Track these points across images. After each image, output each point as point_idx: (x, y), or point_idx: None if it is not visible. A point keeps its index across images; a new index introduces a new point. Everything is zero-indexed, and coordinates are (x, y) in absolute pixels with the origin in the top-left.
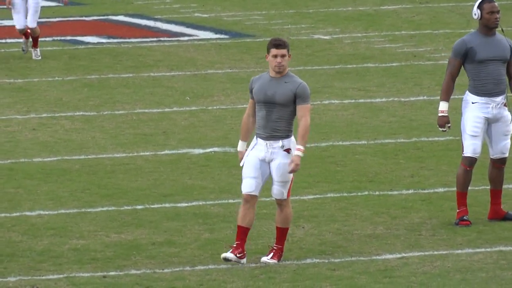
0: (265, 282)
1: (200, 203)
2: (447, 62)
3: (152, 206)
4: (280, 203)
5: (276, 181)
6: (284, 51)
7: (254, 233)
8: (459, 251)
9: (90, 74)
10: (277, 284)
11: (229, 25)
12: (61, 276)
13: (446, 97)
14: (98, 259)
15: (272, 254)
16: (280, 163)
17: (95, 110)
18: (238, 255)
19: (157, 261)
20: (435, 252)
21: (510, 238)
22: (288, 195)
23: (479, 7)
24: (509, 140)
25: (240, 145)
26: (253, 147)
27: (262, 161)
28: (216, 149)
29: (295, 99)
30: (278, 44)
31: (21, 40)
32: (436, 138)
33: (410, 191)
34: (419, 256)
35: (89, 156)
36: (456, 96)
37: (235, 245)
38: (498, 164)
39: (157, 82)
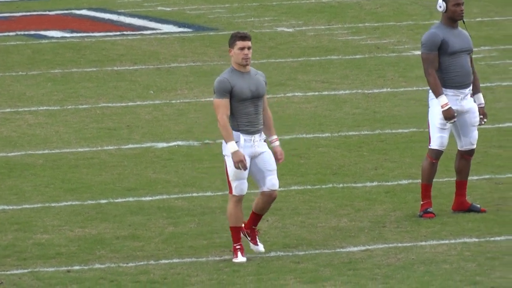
0: (230, 275)
1: (164, 197)
2: (410, 54)
3: (116, 200)
4: (274, 196)
5: (270, 171)
6: (249, 43)
7: (218, 226)
8: (423, 243)
9: (53, 69)
10: (241, 277)
11: (192, 18)
12: (26, 271)
13: (441, 90)
14: (63, 253)
15: (258, 238)
16: (268, 152)
17: (58, 105)
18: (244, 256)
19: (121, 255)
20: (399, 244)
21: (474, 229)
22: None
23: None
24: (476, 131)
25: (233, 145)
26: (242, 146)
27: (249, 159)
28: (180, 142)
29: None
30: (244, 36)
31: None
32: (400, 130)
33: (374, 184)
34: (383, 248)
35: (53, 151)
36: (420, 88)
37: (239, 247)
38: (467, 155)
39: (120, 76)
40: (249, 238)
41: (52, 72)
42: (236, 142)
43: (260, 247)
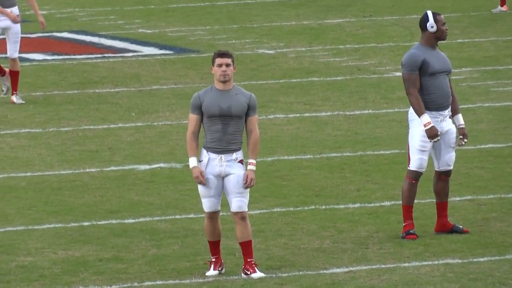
0: None
1: (147, 219)
2: (391, 75)
3: (99, 223)
4: (242, 215)
5: (236, 193)
6: (228, 60)
7: (201, 248)
8: (406, 264)
9: (35, 91)
10: None
11: (173, 40)
12: None
13: (423, 110)
14: (46, 276)
15: (256, 268)
16: (236, 174)
17: (40, 127)
18: (219, 269)
19: (104, 277)
20: (382, 266)
21: (457, 250)
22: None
23: (434, 19)
24: (453, 152)
25: (193, 161)
26: (206, 164)
27: (217, 177)
28: (162, 164)
29: (248, 110)
30: (222, 53)
31: None
32: (382, 152)
33: (357, 205)
34: (366, 270)
35: (35, 173)
36: (402, 109)
37: (213, 260)
38: (444, 176)
39: (102, 98)
40: (248, 273)
41: (33, 95)
42: (201, 161)
43: (259, 274)
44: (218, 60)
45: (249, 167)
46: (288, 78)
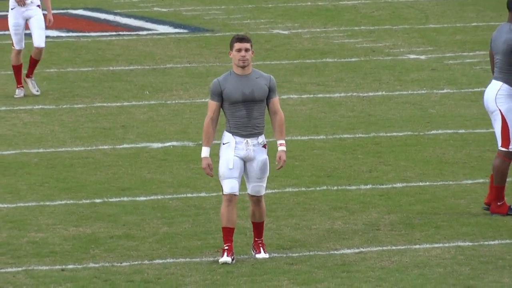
0: (223, 276)
1: (159, 197)
2: (405, 57)
3: (111, 200)
4: (258, 198)
5: (258, 178)
6: (247, 45)
7: (212, 227)
8: (417, 246)
9: (49, 68)
10: (235, 278)
11: (188, 19)
12: (20, 269)
13: None
14: (57, 252)
15: (262, 248)
16: (261, 160)
17: (54, 104)
18: (232, 257)
19: (115, 255)
20: (393, 247)
21: (468, 233)
22: None
23: None
24: None
25: (205, 151)
26: (233, 146)
27: (241, 160)
28: (174, 143)
29: (269, 93)
30: (241, 38)
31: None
32: (395, 134)
33: (368, 186)
34: (377, 251)
35: (48, 150)
36: (415, 92)
37: (226, 248)
38: None
39: (116, 76)
40: (254, 253)
41: (47, 72)
42: (227, 143)
43: (263, 255)
44: (237, 45)
45: (280, 148)
46: (302, 59)
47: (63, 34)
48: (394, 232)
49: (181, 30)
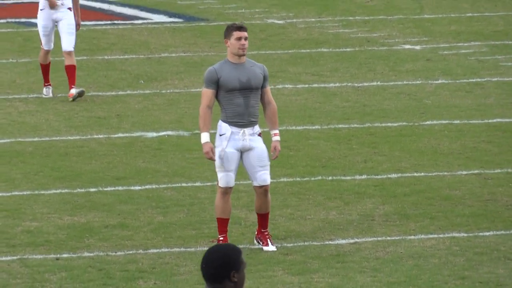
0: None
1: (154, 186)
2: (400, 48)
3: (105, 189)
4: (265, 189)
5: (260, 166)
6: (246, 34)
7: (207, 216)
8: (412, 237)
9: None
10: None
11: (183, 8)
12: (14, 257)
13: None
14: (51, 241)
15: (270, 240)
16: (259, 148)
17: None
18: None
19: (110, 244)
20: (388, 238)
21: (463, 224)
22: None
23: None
24: None
25: (206, 137)
26: (228, 138)
27: (238, 152)
28: (169, 132)
29: (263, 82)
30: (240, 26)
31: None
32: (390, 124)
33: (363, 177)
34: (372, 242)
35: (43, 139)
36: (410, 82)
37: (221, 239)
38: None
39: (111, 65)
40: (260, 243)
41: None
42: (223, 134)
43: (271, 247)
44: (237, 34)
45: (275, 138)
46: (297, 49)
47: None
48: (389, 222)
49: (176, 20)
